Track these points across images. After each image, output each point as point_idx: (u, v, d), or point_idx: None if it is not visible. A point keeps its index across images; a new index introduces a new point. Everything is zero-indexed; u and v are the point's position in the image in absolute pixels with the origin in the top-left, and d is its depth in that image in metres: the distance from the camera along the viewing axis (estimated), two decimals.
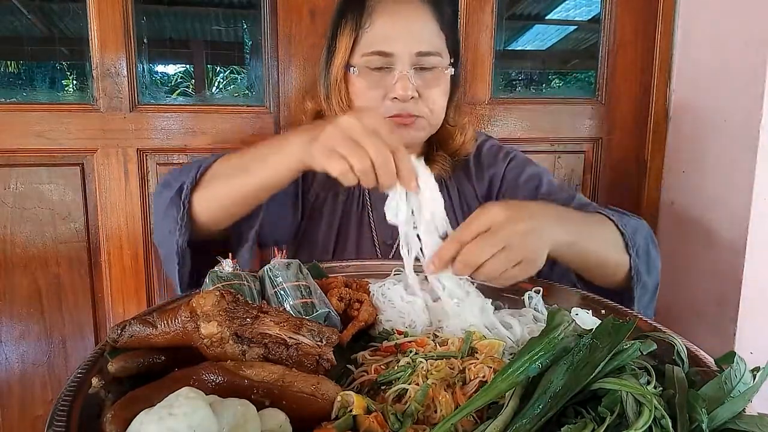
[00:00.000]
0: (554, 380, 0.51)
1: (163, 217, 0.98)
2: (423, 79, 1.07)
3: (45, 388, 1.56)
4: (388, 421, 0.53)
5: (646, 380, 0.55)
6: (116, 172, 1.50)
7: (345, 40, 1.09)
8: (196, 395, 0.47)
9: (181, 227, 0.94)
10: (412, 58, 1.05)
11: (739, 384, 0.53)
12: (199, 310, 0.59)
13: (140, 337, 0.60)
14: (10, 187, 1.46)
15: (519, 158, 1.25)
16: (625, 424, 0.47)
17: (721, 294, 1.49)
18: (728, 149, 1.47)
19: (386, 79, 1.06)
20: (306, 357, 0.61)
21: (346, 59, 1.09)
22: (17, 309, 1.50)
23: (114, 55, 1.45)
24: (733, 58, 1.47)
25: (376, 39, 1.06)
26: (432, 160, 1.21)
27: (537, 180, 1.19)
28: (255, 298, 0.77)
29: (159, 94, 1.64)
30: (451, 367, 0.62)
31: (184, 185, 0.94)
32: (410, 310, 0.80)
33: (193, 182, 0.94)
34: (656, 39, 1.68)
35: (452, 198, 1.23)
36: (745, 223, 1.41)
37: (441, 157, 1.20)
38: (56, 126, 1.45)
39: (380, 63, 1.06)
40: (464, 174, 1.25)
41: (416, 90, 1.05)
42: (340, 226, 1.20)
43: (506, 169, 1.23)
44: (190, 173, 0.95)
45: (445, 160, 1.20)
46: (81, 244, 1.52)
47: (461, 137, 1.19)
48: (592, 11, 1.85)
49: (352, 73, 1.08)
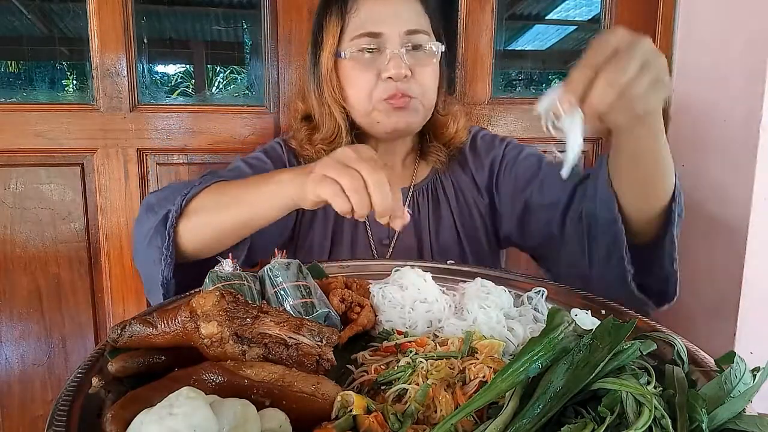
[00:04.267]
0: (554, 380, 0.51)
1: (147, 245, 0.93)
2: (414, 59, 1.07)
3: (45, 388, 1.56)
4: (388, 421, 0.53)
5: (646, 380, 0.55)
6: (116, 172, 1.50)
7: (332, 29, 1.10)
8: (196, 395, 0.47)
9: (166, 257, 0.89)
10: (402, 37, 1.06)
11: (739, 384, 0.53)
12: (199, 310, 0.59)
13: (140, 337, 0.60)
14: (10, 187, 1.46)
15: (515, 142, 1.26)
16: (625, 424, 0.47)
17: (721, 294, 1.49)
18: (728, 149, 1.47)
19: (377, 60, 1.07)
20: (306, 357, 0.61)
21: (335, 47, 1.10)
22: (17, 309, 1.51)
23: (114, 55, 1.45)
24: (733, 58, 1.47)
25: (364, 22, 1.07)
26: (426, 152, 1.22)
27: (537, 156, 1.19)
28: (255, 298, 0.77)
29: (159, 94, 1.64)
30: (451, 367, 0.62)
31: (170, 214, 0.89)
32: (410, 310, 0.80)
33: (179, 211, 0.89)
34: (656, 39, 1.68)
35: (447, 191, 1.23)
36: (745, 222, 1.41)
37: (435, 148, 1.21)
38: (56, 126, 1.45)
39: (370, 44, 1.06)
40: (459, 165, 1.24)
41: (408, 69, 1.06)
42: (335, 226, 1.19)
43: (505, 150, 1.22)
44: (176, 201, 0.90)
45: (440, 150, 1.21)
46: (81, 244, 1.52)
47: (454, 125, 1.20)
48: (592, 11, 1.85)
49: (343, 57, 1.08)
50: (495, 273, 0.94)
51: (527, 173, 1.16)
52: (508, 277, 0.92)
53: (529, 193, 1.14)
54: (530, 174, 1.16)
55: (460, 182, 1.23)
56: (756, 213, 1.40)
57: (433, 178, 1.24)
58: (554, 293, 0.86)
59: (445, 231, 1.21)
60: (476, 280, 0.85)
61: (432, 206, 1.22)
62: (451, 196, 1.22)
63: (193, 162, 1.55)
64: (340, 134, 1.14)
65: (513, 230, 1.20)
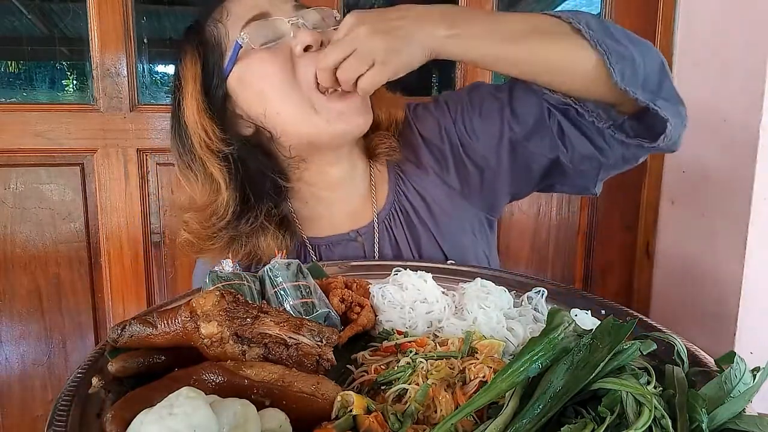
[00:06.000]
0: (554, 380, 0.51)
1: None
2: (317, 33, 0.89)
3: (45, 388, 1.56)
4: (388, 421, 0.53)
5: (646, 380, 0.55)
6: (116, 172, 1.50)
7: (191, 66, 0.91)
8: (197, 395, 0.47)
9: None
10: (291, 11, 0.90)
11: (739, 384, 0.53)
12: (199, 310, 0.59)
13: (140, 337, 0.60)
14: (10, 187, 1.46)
15: (447, 94, 1.07)
16: (625, 424, 0.47)
17: (721, 294, 1.49)
18: (728, 149, 1.47)
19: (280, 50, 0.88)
20: (306, 357, 0.61)
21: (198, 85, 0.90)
22: (17, 309, 1.51)
23: (114, 55, 1.45)
24: (733, 58, 1.47)
25: (244, 11, 0.89)
26: (373, 146, 1.02)
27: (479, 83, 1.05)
28: (255, 298, 0.76)
29: (159, 94, 1.64)
30: (451, 367, 0.62)
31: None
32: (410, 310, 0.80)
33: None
34: (656, 39, 1.68)
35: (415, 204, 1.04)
36: (745, 223, 1.41)
37: (380, 137, 1.02)
38: (56, 126, 1.45)
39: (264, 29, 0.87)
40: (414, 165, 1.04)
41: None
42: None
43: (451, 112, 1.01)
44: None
45: (385, 137, 1.02)
46: (81, 244, 1.52)
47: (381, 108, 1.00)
48: (592, 11, 1.85)
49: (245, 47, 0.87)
50: (495, 273, 0.94)
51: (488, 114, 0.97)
52: (508, 277, 0.92)
53: (508, 132, 0.95)
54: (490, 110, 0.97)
55: (426, 187, 1.04)
56: (756, 213, 1.40)
57: (395, 194, 1.05)
58: (554, 293, 0.86)
59: (427, 247, 1.04)
60: (476, 280, 0.85)
61: (406, 227, 1.04)
62: (421, 209, 1.04)
63: None
64: (218, 191, 0.91)
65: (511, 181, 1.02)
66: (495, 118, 0.96)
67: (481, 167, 1.01)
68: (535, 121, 0.93)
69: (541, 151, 0.95)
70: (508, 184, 1.02)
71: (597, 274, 1.88)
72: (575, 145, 0.91)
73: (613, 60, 0.79)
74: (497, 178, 1.01)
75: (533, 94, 0.92)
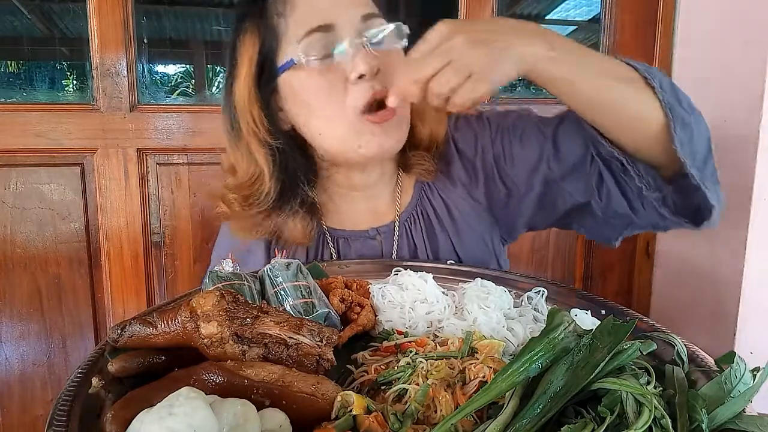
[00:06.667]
0: (554, 380, 0.51)
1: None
2: (380, 53, 0.86)
3: (45, 388, 1.56)
4: (388, 421, 0.53)
5: (646, 380, 0.55)
6: (116, 172, 1.50)
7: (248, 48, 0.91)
8: (197, 395, 0.47)
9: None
10: (358, 24, 0.87)
11: (739, 384, 0.53)
12: (199, 310, 0.59)
13: (140, 337, 0.60)
14: (10, 187, 1.46)
15: (495, 111, 1.05)
16: (625, 424, 0.47)
17: (721, 294, 1.49)
18: (728, 149, 1.47)
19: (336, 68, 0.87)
20: (306, 357, 0.61)
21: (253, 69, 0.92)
22: (17, 309, 1.51)
23: (114, 55, 1.45)
24: (733, 58, 1.47)
25: (308, 16, 0.87)
26: (409, 164, 1.03)
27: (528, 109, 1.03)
28: (255, 298, 0.77)
29: (159, 94, 1.64)
30: (451, 367, 0.62)
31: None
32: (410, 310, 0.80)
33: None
34: (656, 39, 1.68)
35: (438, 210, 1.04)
36: (745, 223, 1.41)
37: (418, 157, 1.02)
38: (56, 126, 1.45)
39: (323, 43, 0.86)
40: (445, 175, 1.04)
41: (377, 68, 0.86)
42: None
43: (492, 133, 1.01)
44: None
45: (424, 158, 1.02)
46: (81, 244, 1.52)
47: (423, 126, 1.00)
48: (592, 11, 1.85)
49: (299, 63, 0.87)
50: (495, 273, 0.94)
51: (528, 144, 0.96)
52: (508, 277, 0.92)
53: (545, 167, 0.95)
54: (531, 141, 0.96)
55: (451, 197, 1.04)
56: (756, 213, 1.40)
57: (419, 198, 1.06)
58: (554, 293, 0.86)
59: (444, 254, 1.05)
60: (476, 281, 0.85)
61: (426, 232, 1.05)
62: (444, 216, 1.04)
63: (193, 162, 1.55)
64: (261, 178, 0.96)
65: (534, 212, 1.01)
66: (534, 150, 0.96)
67: (509, 189, 1.01)
68: (575, 163, 0.92)
69: (572, 192, 0.94)
70: (530, 215, 1.03)
71: (597, 274, 1.88)
72: (612, 200, 0.90)
73: (677, 126, 0.78)
74: (521, 205, 1.01)
75: (581, 137, 0.89)
